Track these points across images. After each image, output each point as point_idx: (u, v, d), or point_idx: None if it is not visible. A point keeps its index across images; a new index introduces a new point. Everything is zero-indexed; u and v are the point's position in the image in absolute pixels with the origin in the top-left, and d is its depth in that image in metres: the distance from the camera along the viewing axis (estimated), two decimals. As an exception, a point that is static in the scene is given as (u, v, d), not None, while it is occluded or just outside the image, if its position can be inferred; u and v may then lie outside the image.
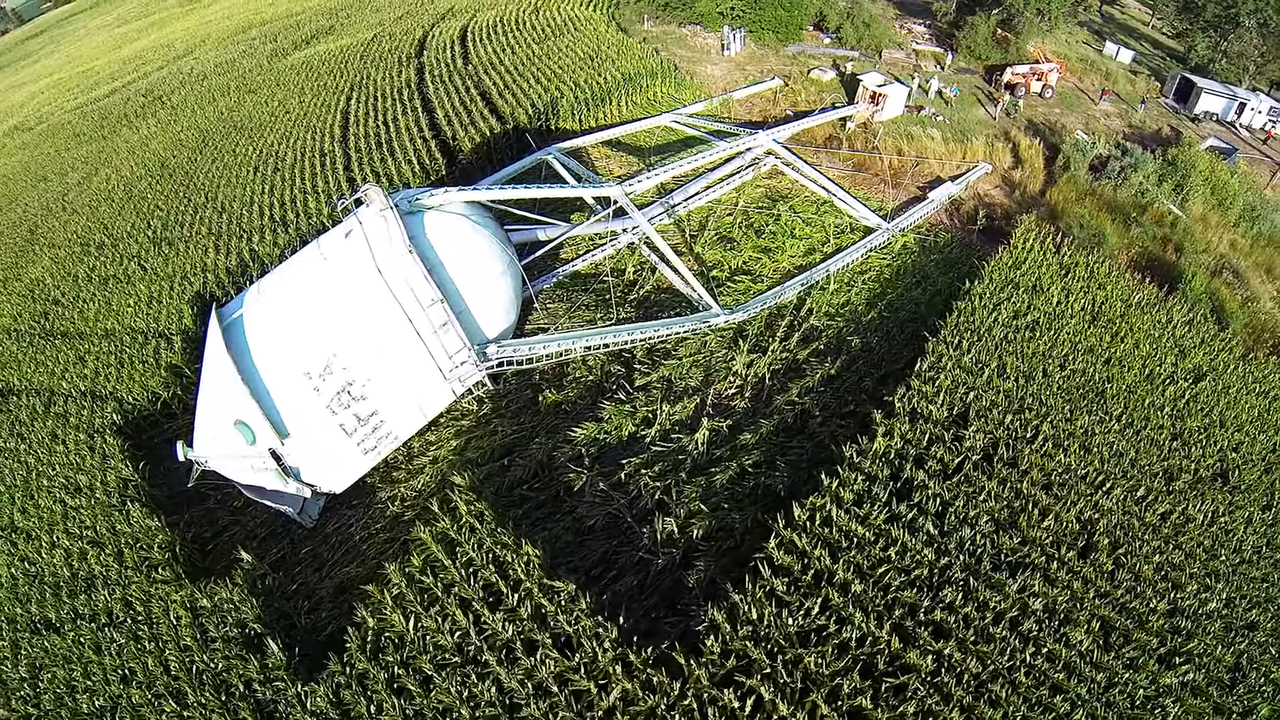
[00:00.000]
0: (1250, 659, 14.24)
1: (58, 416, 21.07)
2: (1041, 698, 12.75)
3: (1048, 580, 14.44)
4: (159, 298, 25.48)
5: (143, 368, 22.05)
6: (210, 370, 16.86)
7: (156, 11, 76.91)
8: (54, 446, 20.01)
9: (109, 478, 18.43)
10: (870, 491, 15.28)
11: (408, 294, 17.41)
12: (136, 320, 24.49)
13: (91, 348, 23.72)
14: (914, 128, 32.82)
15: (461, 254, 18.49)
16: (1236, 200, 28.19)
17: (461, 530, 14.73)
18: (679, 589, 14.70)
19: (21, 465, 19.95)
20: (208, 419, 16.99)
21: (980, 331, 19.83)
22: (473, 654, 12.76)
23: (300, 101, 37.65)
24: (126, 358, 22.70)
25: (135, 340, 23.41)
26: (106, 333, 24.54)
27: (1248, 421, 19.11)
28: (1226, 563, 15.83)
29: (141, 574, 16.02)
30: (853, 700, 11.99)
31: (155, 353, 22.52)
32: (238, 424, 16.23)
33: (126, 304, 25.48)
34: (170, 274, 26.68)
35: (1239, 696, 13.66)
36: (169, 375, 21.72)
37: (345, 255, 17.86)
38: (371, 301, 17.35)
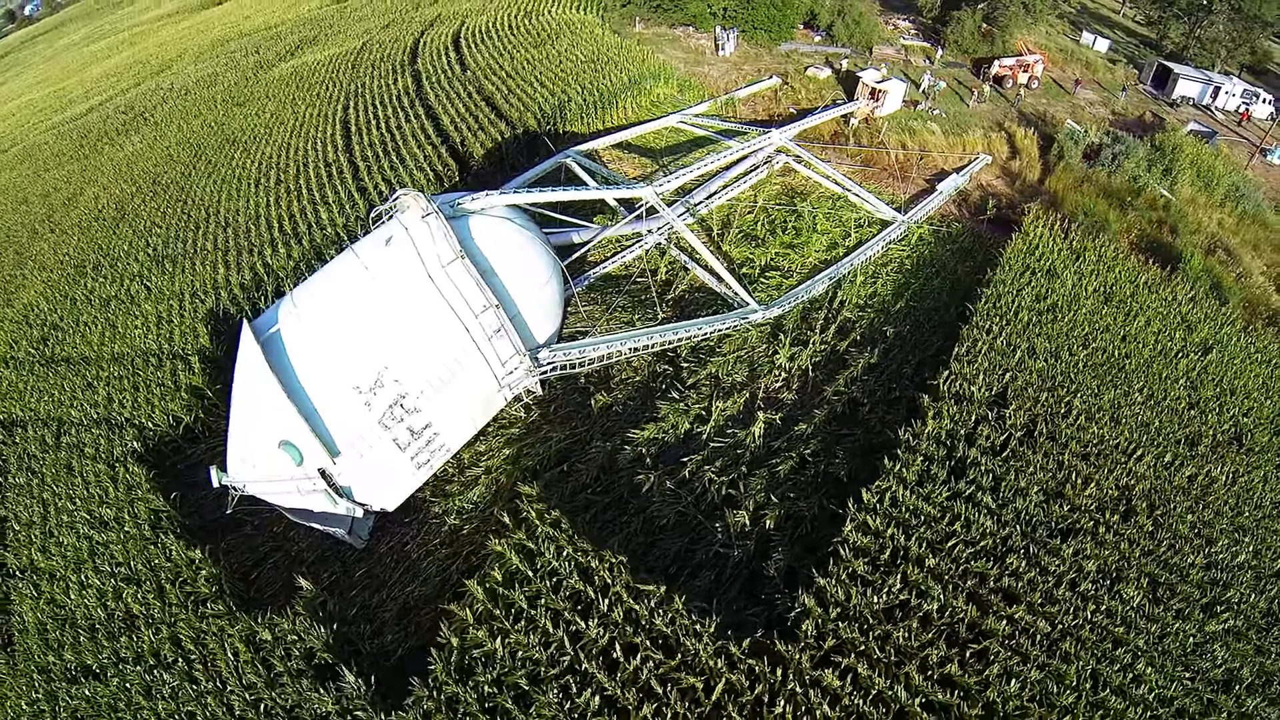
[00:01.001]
0: (1279, 610, 15.95)
1: (71, 447, 20.61)
2: (1105, 651, 14.23)
3: (1097, 543, 15.98)
4: (168, 318, 25.48)
5: (160, 391, 21.83)
6: (246, 389, 16.47)
7: (125, 29, 75.63)
8: (71, 480, 19.47)
9: (138, 509, 17.96)
10: (929, 471, 16.65)
11: (460, 301, 17.56)
12: (147, 342, 24.41)
13: (101, 373, 23.52)
14: (914, 122, 34.59)
15: (509, 259, 18.84)
16: (1221, 181, 30.56)
17: (538, 540, 15.11)
18: (757, 580, 15.68)
19: (36, 501, 19.36)
20: (244, 441, 16.59)
21: (1007, 316, 21.43)
22: (569, 664, 12.93)
23: (294, 112, 37.90)
24: (142, 381, 22.55)
25: (148, 363, 23.32)
26: (115, 357, 24.40)
27: (1255, 389, 21.05)
28: (1250, 518, 17.61)
29: (188, 610, 15.48)
30: (942, 669, 13.28)
31: (173, 375, 22.39)
32: (283, 445, 15.80)
33: (133, 325, 25.43)
34: (177, 292, 26.78)
35: (1275, 638, 15.34)
36: (190, 398, 21.50)
37: (391, 263, 17.70)
38: (424, 310, 17.30)
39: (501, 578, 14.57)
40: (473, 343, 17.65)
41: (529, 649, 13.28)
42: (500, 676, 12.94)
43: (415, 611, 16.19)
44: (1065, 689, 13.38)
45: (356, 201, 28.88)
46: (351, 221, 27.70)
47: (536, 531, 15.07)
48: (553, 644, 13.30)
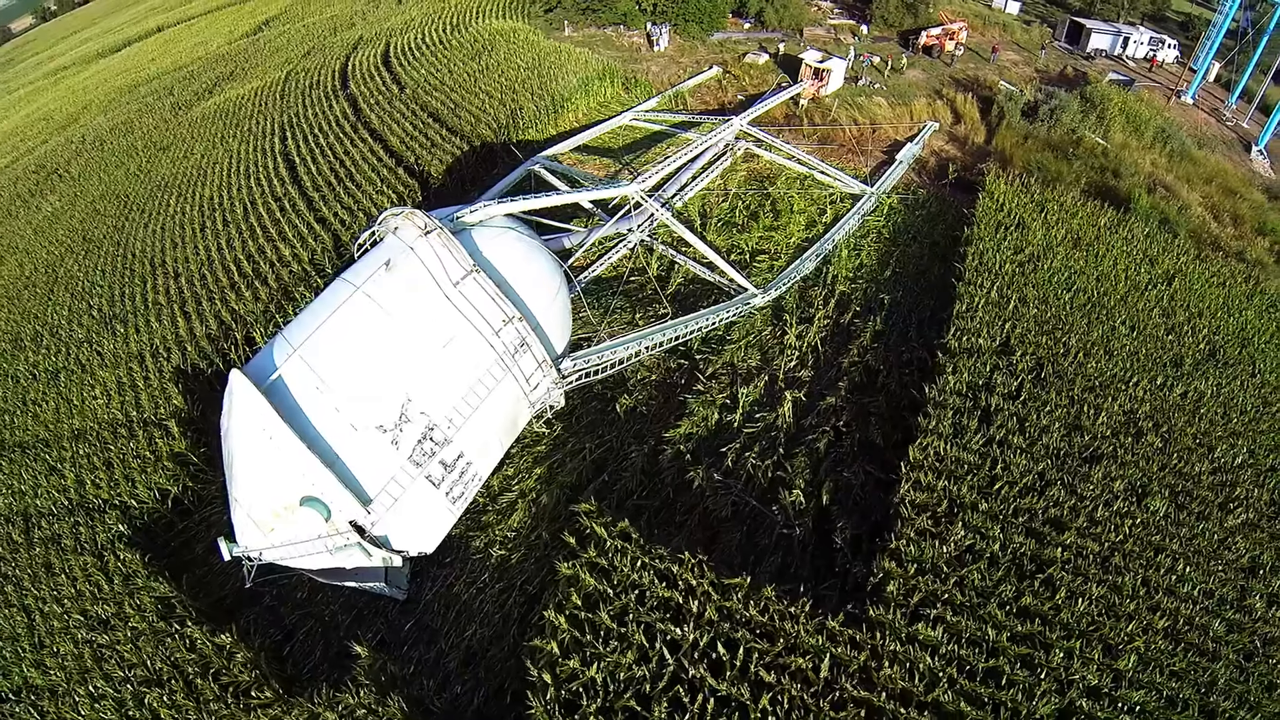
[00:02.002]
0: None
1: (46, 542, 19.02)
2: (1149, 558, 15.87)
3: (1120, 464, 17.73)
4: (130, 383, 24.41)
5: (138, 464, 20.60)
6: (248, 446, 15.21)
7: (19, 87, 70.87)
8: (53, 579, 17.96)
9: (141, 599, 16.75)
10: (961, 422, 18.04)
11: (478, 318, 17.14)
12: (111, 412, 23.20)
13: (63, 454, 22.05)
14: (860, 98, 36.67)
15: (519, 270, 18.57)
16: (1149, 125, 33.82)
17: (608, 554, 15.11)
18: (822, 555, 16.53)
19: (16, 610, 17.56)
20: (255, 504, 15.44)
21: (993, 270, 23.25)
22: (674, 674, 13.01)
23: (227, 150, 36.86)
24: (115, 456, 21.29)
25: (118, 435, 22.13)
26: (76, 434, 23.01)
27: (1217, 309, 23.58)
28: (1238, 423, 19.80)
29: (229, 703, 14.60)
30: (1017, 601, 14.55)
31: (149, 444, 21.30)
32: (306, 501, 14.80)
33: (91, 397, 24.14)
34: (135, 354, 25.70)
35: (1284, 526, 17.44)
36: (174, 466, 20.41)
37: (399, 287, 16.98)
38: (443, 331, 16.69)
39: (580, 601, 14.32)
40: (499, 361, 17.26)
41: (629, 668, 13.13)
42: (607, 704, 12.77)
43: (481, 656, 15.89)
44: (1125, 598, 14.90)
45: (319, 233, 28.45)
46: (318, 255, 27.29)
47: (605, 546, 15.14)
48: (653, 658, 13.26)
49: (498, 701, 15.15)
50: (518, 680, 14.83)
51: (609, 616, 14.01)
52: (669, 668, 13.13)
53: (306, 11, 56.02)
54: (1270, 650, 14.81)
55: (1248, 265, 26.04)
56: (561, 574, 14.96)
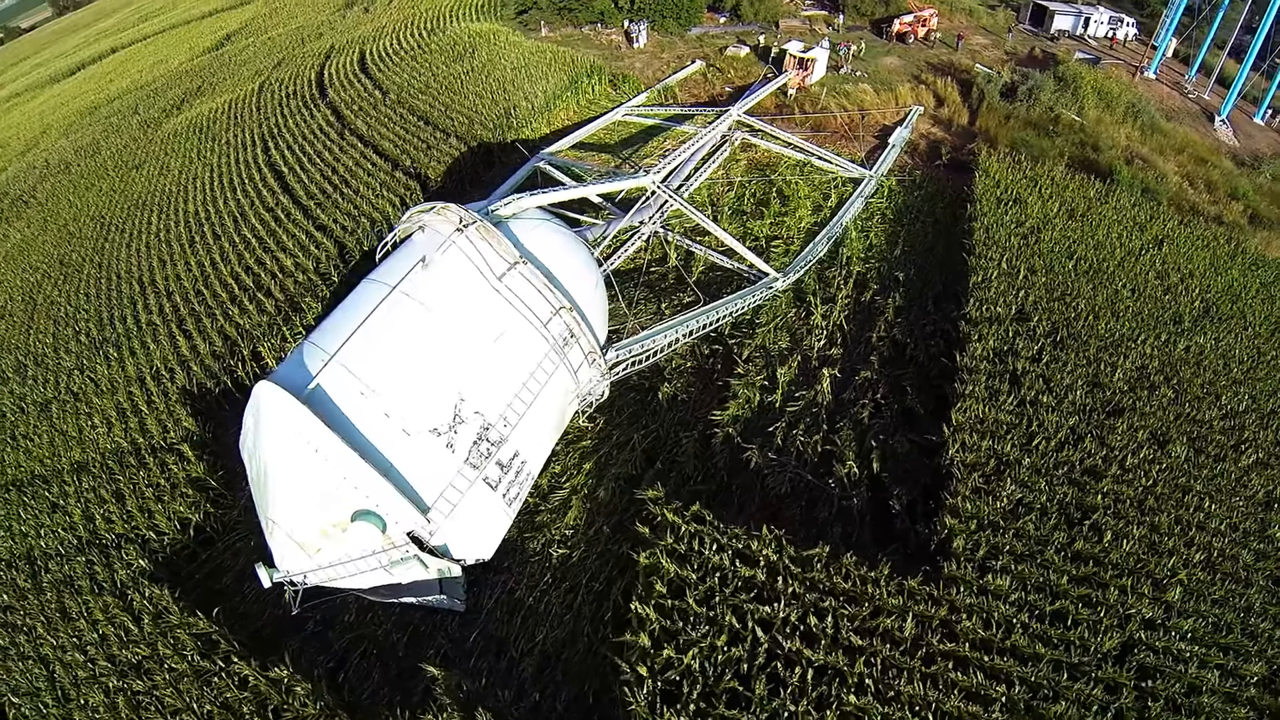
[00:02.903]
0: (1284, 436, 19.91)
1: (57, 585, 18.15)
2: (1178, 499, 17.41)
3: (1140, 415, 19.30)
4: (133, 408, 23.81)
5: (152, 493, 19.99)
6: (286, 461, 14.46)
7: None
8: (71, 626, 17.01)
9: (179, 638, 15.94)
10: (993, 385, 19.38)
11: (527, 311, 17.06)
12: (113, 440, 22.66)
13: (66, 489, 21.24)
14: (847, 85, 38.22)
15: (560, 261, 18.76)
16: (1119, 101, 36.12)
17: (683, 540, 15.43)
18: (880, 522, 17.52)
19: (34, 662, 16.62)
20: (297, 524, 14.72)
21: (999, 243, 24.79)
22: (769, 650, 13.45)
23: (206, 164, 36.48)
24: (126, 487, 20.64)
25: (126, 464, 21.53)
26: (78, 466, 22.32)
27: (1206, 269, 25.56)
28: (1239, 372, 21.64)
29: None
30: (1071, 546, 15.86)
31: (163, 471, 20.79)
32: (360, 516, 14.15)
33: (89, 426, 23.63)
34: (133, 377, 25.29)
35: (1290, 463, 19.23)
36: (194, 493, 19.89)
37: (441, 283, 16.75)
38: (493, 325, 16.56)
39: (665, 590, 14.49)
40: (553, 352, 17.32)
41: (724, 651, 13.45)
42: (708, 688, 12.98)
43: (556, 660, 15.81)
44: (1163, 536, 16.36)
45: (320, 241, 28.41)
46: (323, 263, 27.37)
47: (680, 532, 15.62)
48: (745, 637, 13.67)
49: (580, 705, 15.09)
50: (599, 680, 15.13)
51: (695, 602, 14.29)
52: (763, 645, 13.56)
53: (270, 24, 55.53)
54: (1294, 572, 16.45)
55: (1227, 227, 28.21)
56: (641, 564, 15.20)
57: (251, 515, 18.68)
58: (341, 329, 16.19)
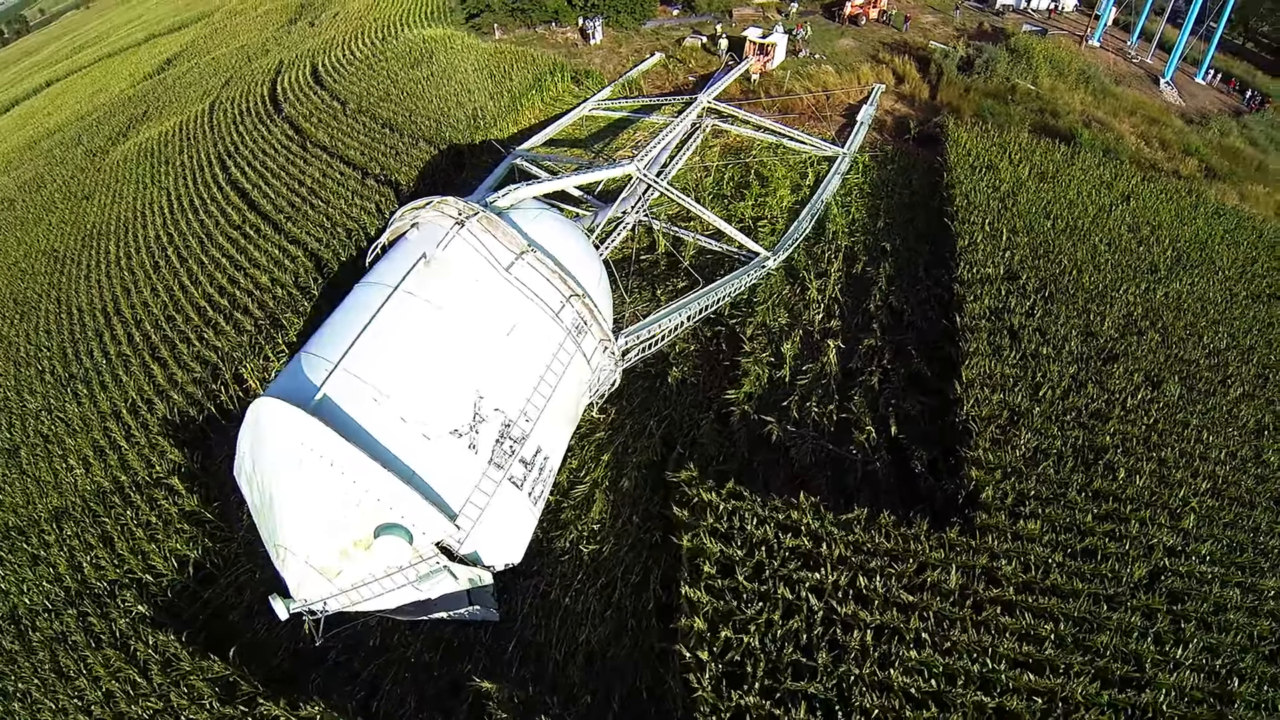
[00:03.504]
0: (1266, 374, 21.06)
1: (50, 643, 17.01)
2: (1179, 433, 18.35)
3: (1133, 359, 20.27)
4: (110, 445, 22.80)
5: (146, 533, 19.08)
6: (297, 480, 13.68)
7: None
8: (71, 685, 15.92)
9: (193, 685, 15.15)
10: (995, 341, 20.11)
11: (539, 300, 16.75)
12: (94, 481, 21.59)
13: (46, 538, 20.07)
14: (810, 67, 39.12)
15: (565, 249, 18.46)
16: (1070, 69, 37.78)
17: (722, 518, 15.45)
18: (905, 481, 17.98)
19: None
20: (315, 547, 13.86)
21: (979, 207, 25.71)
22: (826, 616, 13.57)
23: (162, 188, 35.44)
24: (115, 530, 19.49)
25: (111, 505, 20.51)
26: (56, 514, 21.18)
27: (1172, 220, 26.94)
28: (1217, 312, 22.86)
29: None
30: (1090, 486, 16.59)
31: (153, 508, 19.83)
32: (385, 530, 13.50)
33: (64, 469, 22.55)
34: (107, 413, 24.39)
35: (1272, 390, 20.40)
36: (190, 527, 19.02)
37: (447, 279, 16.29)
38: (505, 318, 16.17)
39: (714, 570, 14.48)
40: (569, 341, 17.07)
41: (781, 624, 13.56)
42: (771, 664, 13.00)
43: (601, 658, 15.59)
44: (1171, 469, 17.24)
45: (295, 255, 27.82)
46: (301, 276, 26.84)
47: (719, 510, 15.70)
48: (801, 607, 13.78)
49: (634, 701, 14.92)
50: (650, 674, 15.04)
51: (745, 578, 14.35)
52: (819, 614, 13.70)
53: (212, 45, 54.25)
54: (1293, 495, 17.52)
55: (1185, 181, 29.77)
56: (684, 548, 15.16)
57: (255, 546, 18.20)
58: (342, 336, 15.54)
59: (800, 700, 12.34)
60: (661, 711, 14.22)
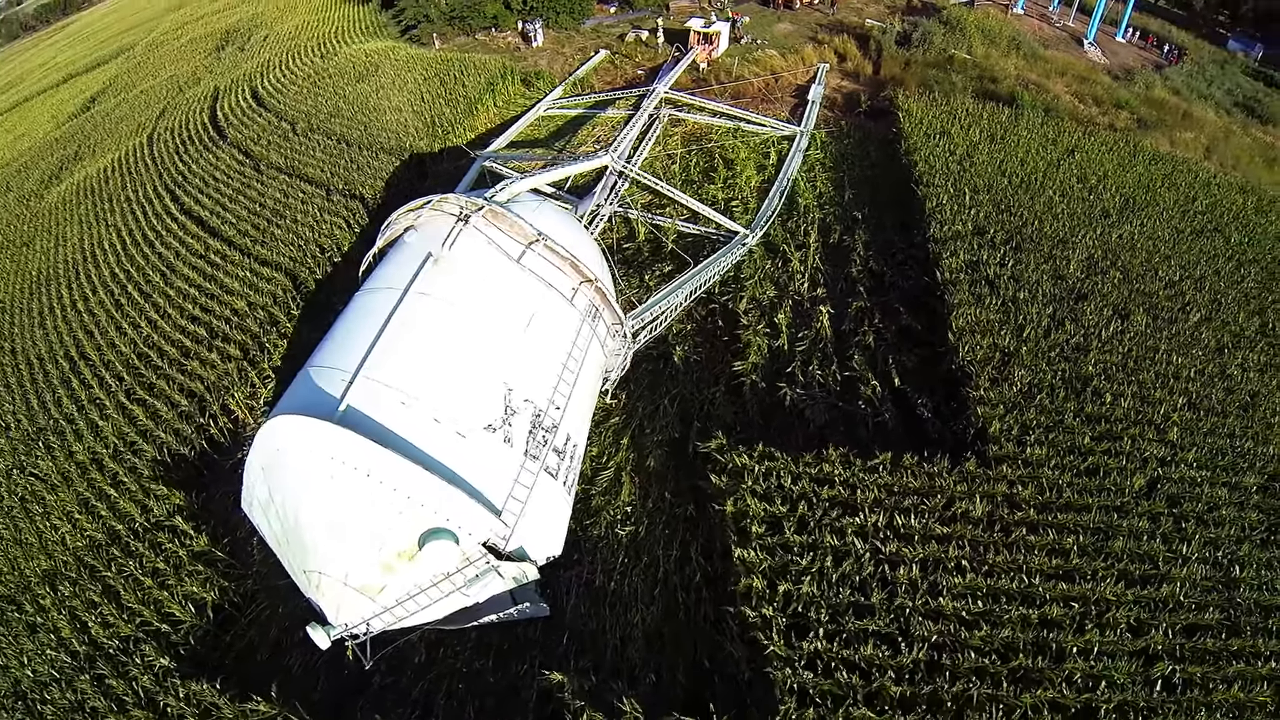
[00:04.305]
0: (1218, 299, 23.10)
1: (66, 715, 16.24)
2: (1151, 358, 20.08)
3: (1101, 296, 22.05)
4: (99, 495, 21.73)
5: (156, 581, 18.34)
6: (329, 499, 13.32)
7: None
8: None
9: None
10: (976, 292, 21.55)
11: (553, 288, 17.10)
12: (87, 534, 20.54)
13: (42, 603, 18.93)
14: (756, 53, 40.56)
15: (569, 238, 18.60)
16: (1001, 36, 40.25)
17: (759, 480, 16.16)
18: (913, 429, 19.08)
19: None
20: (354, 567, 13.43)
21: (940, 171, 27.37)
22: (873, 557, 14.49)
23: (110, 226, 34.44)
24: (119, 584, 18.57)
25: (110, 558, 19.50)
26: (47, 576, 20.00)
27: (1114, 169, 29.14)
28: (1168, 247, 24.90)
29: None
30: (1083, 412, 18.06)
31: (159, 553, 19.06)
32: (431, 536, 13.18)
33: (48, 527, 21.35)
34: (88, 462, 23.29)
35: (1231, 307, 22.49)
36: (204, 568, 18.40)
37: (459, 275, 16.43)
38: (524, 307, 16.44)
39: (762, 530, 15.11)
40: (585, 326, 17.40)
41: (835, 569, 14.36)
42: (834, 609, 13.74)
43: (657, 638, 15.89)
44: (1150, 389, 18.93)
45: (271, 276, 27.53)
46: (280, 296, 26.64)
47: (755, 472, 16.44)
48: (848, 552, 14.66)
49: (699, 671, 15.27)
50: (708, 644, 15.46)
51: (793, 532, 15.10)
52: (865, 555, 14.60)
53: (137, 79, 52.56)
54: (1256, 402, 19.40)
55: (1121, 133, 32.16)
56: (727, 512, 15.79)
57: (271, 579, 18.25)
58: (354, 344, 15.34)
59: (865, 638, 13.21)
60: (725, 677, 14.65)
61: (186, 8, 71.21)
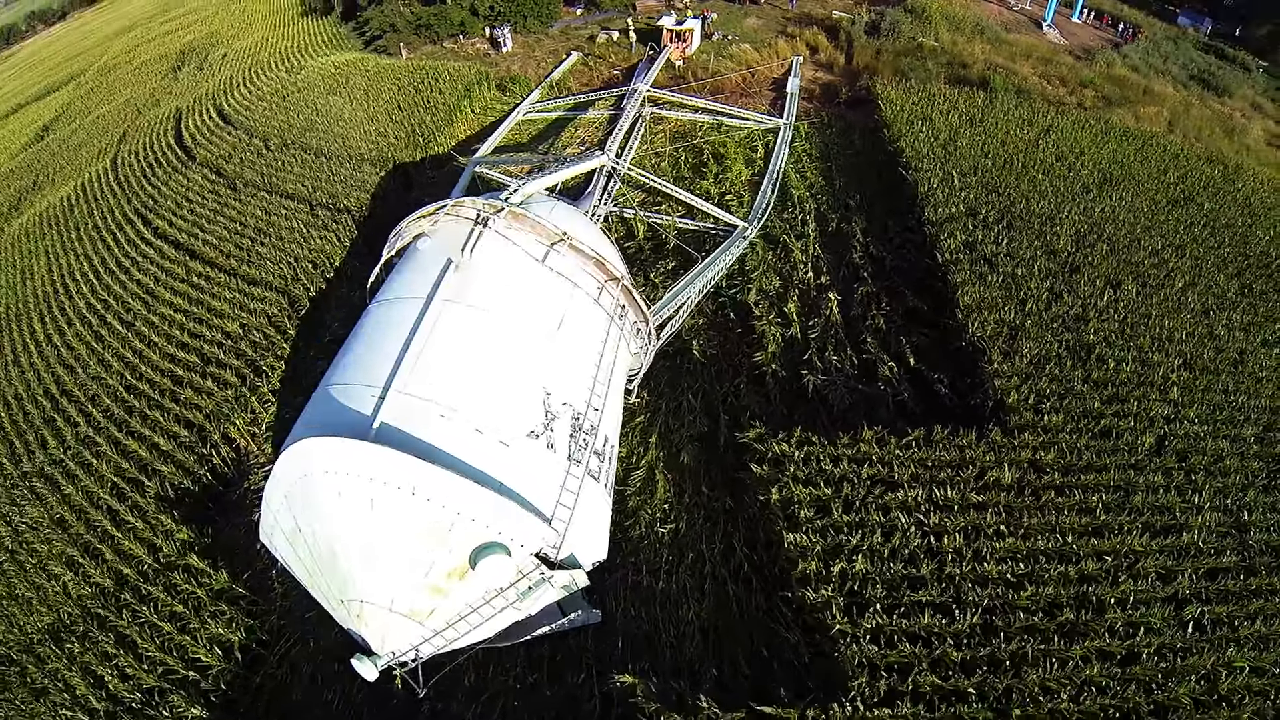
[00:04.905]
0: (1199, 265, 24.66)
1: None
2: (1144, 323, 21.40)
3: (1092, 266, 23.35)
4: (101, 537, 20.96)
5: (176, 625, 17.75)
6: (368, 523, 12.87)
7: None
8: None
9: None
10: (978, 271, 22.67)
11: (580, 288, 17.14)
12: (92, 582, 19.76)
13: (51, 663, 18.01)
14: (731, 48, 41.51)
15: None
16: (965, 22, 41.89)
17: (799, 465, 16.87)
18: (931, 406, 19.98)
19: None
20: (399, 592, 13.01)
21: (926, 156, 28.56)
22: (918, 529, 15.42)
23: (80, 255, 33.76)
24: (134, 632, 17.94)
25: (120, 606, 18.79)
26: (51, 631, 19.06)
27: (1089, 145, 30.71)
28: (1146, 220, 26.42)
29: None
30: (1090, 377, 19.22)
31: (174, 594, 18.48)
32: (482, 552, 12.86)
33: (45, 579, 20.24)
34: (83, 504, 22.38)
35: (1210, 253, 24.15)
36: (228, 608, 17.95)
37: (487, 280, 16.35)
38: (554, 309, 16.45)
39: (811, 514, 15.80)
40: (613, 325, 17.61)
41: (886, 545, 15.13)
42: (888, 583, 14.46)
43: (712, 633, 16.11)
44: (1148, 354, 20.23)
45: (263, 295, 27.40)
46: (276, 315, 26.49)
47: (795, 458, 17.17)
48: (894, 526, 15.48)
49: (759, 661, 15.59)
50: (765, 633, 15.85)
51: (840, 513, 15.80)
52: (910, 529, 15.42)
53: (91, 105, 51.23)
54: (1244, 359, 20.95)
55: (1090, 111, 33.85)
56: (774, 500, 16.39)
57: (295, 612, 18.07)
58: (378, 359, 15.03)
59: (921, 609, 14.03)
60: (784, 664, 15.14)
61: (135, 31, 69.54)
